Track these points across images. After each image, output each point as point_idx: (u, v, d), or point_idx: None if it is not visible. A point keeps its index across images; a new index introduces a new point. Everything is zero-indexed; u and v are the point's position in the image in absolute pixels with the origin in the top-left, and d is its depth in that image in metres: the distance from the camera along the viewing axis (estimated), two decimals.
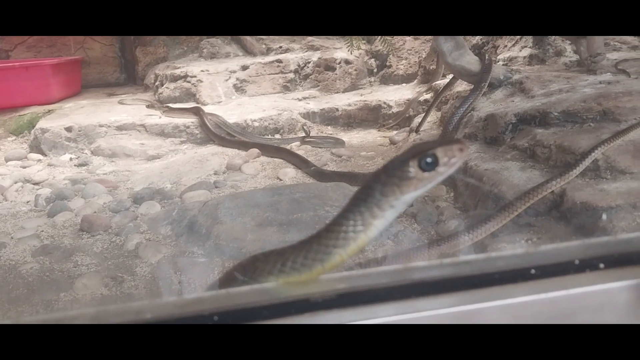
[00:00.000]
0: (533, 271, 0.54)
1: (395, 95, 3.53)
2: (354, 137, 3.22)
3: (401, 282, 0.54)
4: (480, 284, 0.53)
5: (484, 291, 0.52)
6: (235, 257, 1.66)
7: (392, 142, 3.02)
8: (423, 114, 2.96)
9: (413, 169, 0.56)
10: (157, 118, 3.27)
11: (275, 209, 1.81)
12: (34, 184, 2.67)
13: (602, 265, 0.55)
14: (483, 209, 1.84)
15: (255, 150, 2.78)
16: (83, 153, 3.12)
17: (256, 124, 3.17)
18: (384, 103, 3.44)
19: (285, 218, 1.77)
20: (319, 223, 1.76)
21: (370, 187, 0.57)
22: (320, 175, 2.45)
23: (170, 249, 1.80)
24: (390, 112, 3.41)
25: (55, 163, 3.01)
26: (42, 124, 3.27)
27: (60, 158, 3.08)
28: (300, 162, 2.60)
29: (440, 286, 0.52)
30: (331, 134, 3.29)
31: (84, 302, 1.54)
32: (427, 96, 3.31)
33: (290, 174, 2.52)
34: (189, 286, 1.59)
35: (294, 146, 2.97)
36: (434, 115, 3.04)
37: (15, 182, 2.66)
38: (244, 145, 2.87)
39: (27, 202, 2.43)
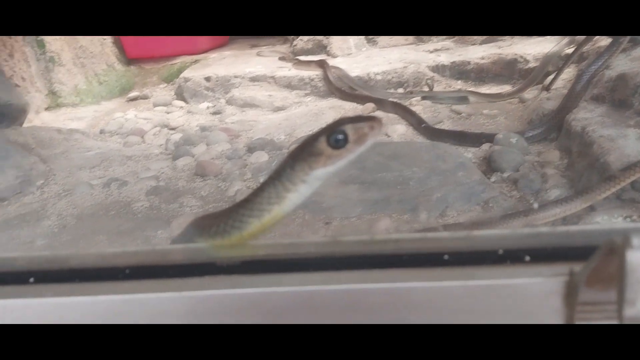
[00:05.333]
0: (446, 257, 0.51)
1: (535, 49, 3.24)
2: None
3: (313, 254, 0.54)
4: (384, 264, 0.51)
5: (383, 272, 0.50)
6: (314, 211, 1.71)
7: (521, 101, 2.81)
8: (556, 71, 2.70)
9: (322, 145, 0.55)
10: (287, 70, 3.38)
11: (362, 166, 1.82)
12: (170, 128, 2.94)
13: (527, 258, 0.49)
14: (588, 180, 1.67)
15: (371, 105, 2.76)
16: (219, 102, 3.35)
17: (379, 77, 3.13)
18: (521, 57, 3.18)
19: (369, 176, 1.77)
20: (401, 184, 1.74)
21: (284, 162, 0.58)
22: (430, 132, 2.39)
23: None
24: (527, 67, 3.15)
25: (193, 110, 3.27)
26: (186, 73, 3.55)
27: (199, 106, 3.34)
28: (412, 119, 2.55)
29: (334, 263, 0.51)
30: (460, 89, 3.15)
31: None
32: (570, 51, 3.00)
33: (399, 130, 2.48)
34: (269, 232, 1.68)
35: (414, 101, 2.90)
36: (572, 72, 2.77)
37: (155, 127, 2.95)
38: (361, 99, 2.87)
39: (160, 145, 2.69)
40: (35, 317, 0.52)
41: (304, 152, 0.56)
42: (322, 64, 3.19)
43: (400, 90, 3.12)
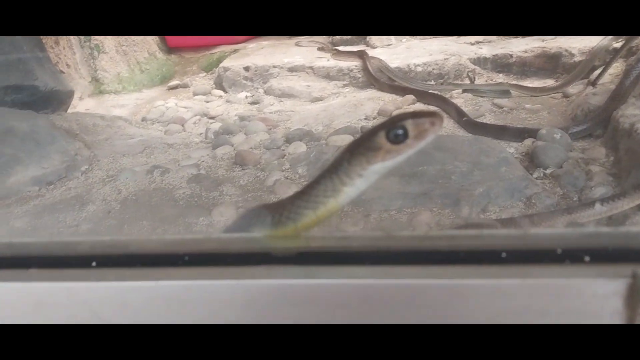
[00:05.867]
0: (504, 254, 0.50)
1: (581, 42, 3.17)
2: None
3: (368, 248, 0.55)
4: (441, 260, 0.51)
5: (440, 268, 0.50)
6: (355, 203, 1.71)
7: (565, 96, 2.75)
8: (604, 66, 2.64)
9: (381, 139, 0.55)
10: (326, 61, 3.37)
11: None
12: (209, 117, 2.98)
13: (587, 258, 0.49)
14: (636, 178, 1.63)
15: (411, 97, 2.74)
16: (257, 92, 3.37)
17: (419, 68, 3.11)
18: (566, 51, 3.11)
19: (410, 169, 1.76)
20: (443, 177, 1.73)
21: (342, 156, 0.58)
22: (471, 126, 2.36)
23: (300, 188, 1.90)
24: (572, 61, 3.08)
25: (232, 100, 3.30)
26: (225, 62, 3.58)
27: (238, 95, 3.36)
28: (454, 112, 2.52)
29: (389, 257, 0.51)
30: (502, 82, 3.09)
31: (217, 228, 1.72)
32: (618, 45, 2.92)
33: None
34: None
35: (455, 94, 2.87)
36: (620, 67, 2.70)
37: (195, 115, 2.99)
38: (401, 91, 2.85)
39: (200, 134, 2.72)
40: (98, 300, 0.54)
41: (363, 146, 0.56)
42: (361, 55, 3.18)
43: (441, 81, 3.09)
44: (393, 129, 0.54)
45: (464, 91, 2.89)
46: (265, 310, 0.52)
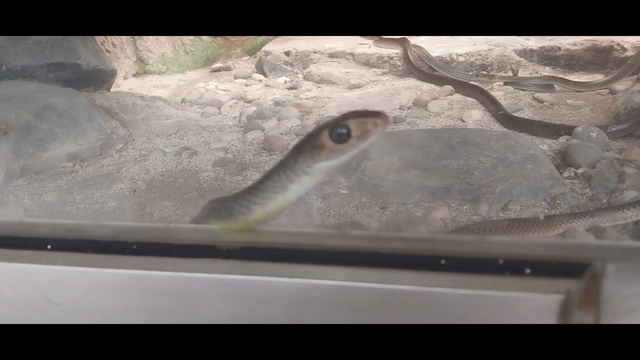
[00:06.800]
0: (443, 261, 0.49)
1: (635, 37, 3.02)
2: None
3: (312, 247, 0.54)
4: (378, 263, 0.50)
5: (375, 271, 0.49)
6: (373, 194, 1.69)
7: (612, 92, 2.63)
8: None
9: (325, 138, 0.54)
10: (367, 47, 3.34)
11: (426, 152, 1.77)
12: (246, 101, 3.00)
13: (528, 271, 0.46)
14: None
15: (449, 87, 2.68)
16: (296, 77, 3.37)
17: (461, 58, 3.03)
18: (618, 45, 2.97)
19: (432, 163, 1.72)
20: (465, 173, 1.68)
21: (290, 153, 0.58)
22: (506, 120, 2.29)
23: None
24: (624, 55, 2.94)
25: (271, 84, 3.31)
26: (267, 47, 3.59)
27: (277, 80, 3.37)
28: (491, 104, 2.45)
29: (330, 257, 0.50)
30: (546, 76, 2.98)
31: None
32: None
33: (475, 115, 2.39)
34: (325, 212, 1.68)
35: (496, 86, 2.79)
36: None
37: (232, 99, 3.02)
38: (439, 81, 2.79)
39: (235, 117, 2.75)
40: (47, 282, 0.55)
41: (308, 144, 0.56)
42: (403, 43, 3.13)
43: (484, 72, 3.00)
44: (336, 129, 0.54)
45: (505, 83, 2.80)
46: (200, 305, 0.52)
